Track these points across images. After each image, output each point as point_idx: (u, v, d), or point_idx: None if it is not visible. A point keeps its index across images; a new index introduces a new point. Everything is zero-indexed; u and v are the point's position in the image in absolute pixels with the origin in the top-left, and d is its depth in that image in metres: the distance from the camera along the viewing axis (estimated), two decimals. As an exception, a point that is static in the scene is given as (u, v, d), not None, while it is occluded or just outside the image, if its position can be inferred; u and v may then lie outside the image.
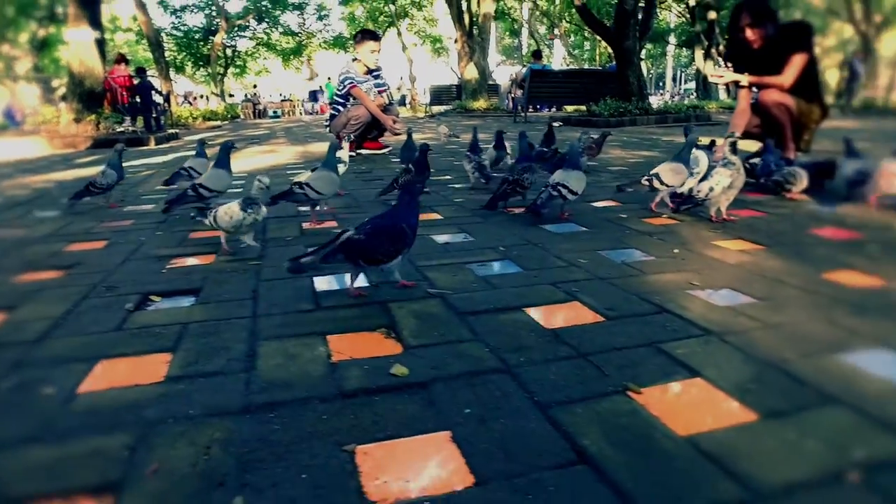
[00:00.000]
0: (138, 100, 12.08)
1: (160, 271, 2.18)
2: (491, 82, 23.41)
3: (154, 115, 12.15)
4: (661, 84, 51.27)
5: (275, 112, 30.73)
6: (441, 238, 2.54)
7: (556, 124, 11.28)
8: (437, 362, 1.33)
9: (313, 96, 32.31)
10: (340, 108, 6.18)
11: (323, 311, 1.70)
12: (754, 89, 4.37)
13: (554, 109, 16.84)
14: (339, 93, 6.19)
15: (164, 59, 20.53)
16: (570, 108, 15.82)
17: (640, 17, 12.39)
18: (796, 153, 4.40)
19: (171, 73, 30.43)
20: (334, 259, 1.67)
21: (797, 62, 4.07)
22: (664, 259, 2.11)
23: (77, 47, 9.91)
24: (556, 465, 0.95)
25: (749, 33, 4.21)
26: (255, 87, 33.03)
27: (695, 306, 1.62)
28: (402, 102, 29.69)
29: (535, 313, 1.61)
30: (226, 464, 0.98)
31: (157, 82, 16.34)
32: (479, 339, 1.44)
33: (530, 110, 16.59)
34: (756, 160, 3.85)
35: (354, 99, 6.04)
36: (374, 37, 5.99)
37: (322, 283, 1.96)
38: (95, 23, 10.04)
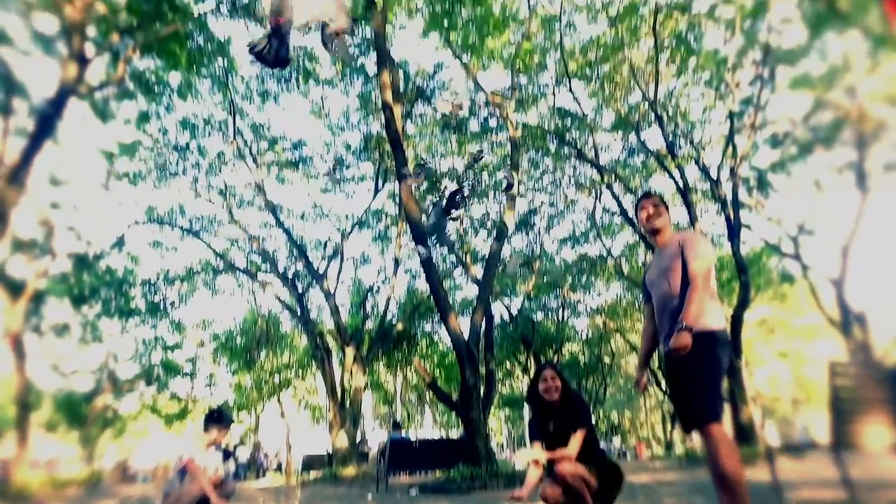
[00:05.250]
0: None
1: None
2: (366, 450, 22.85)
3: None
4: (522, 442, 52.59)
5: (145, 477, 27.93)
6: None
7: (412, 492, 10.78)
8: None
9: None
10: (178, 482, 5.61)
11: None
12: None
13: (426, 474, 16.26)
14: (177, 468, 5.70)
15: (26, 422, 18.66)
16: (438, 473, 15.38)
17: (482, 391, 13.24)
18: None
19: (41, 434, 27.58)
20: None
21: (579, 436, 4.63)
22: None
23: None
24: None
25: (550, 383, 4.74)
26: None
27: None
28: (279, 469, 28.10)
29: None
30: None
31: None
32: None
33: (401, 475, 15.94)
34: None
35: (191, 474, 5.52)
36: (215, 420, 5.83)
37: None
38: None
